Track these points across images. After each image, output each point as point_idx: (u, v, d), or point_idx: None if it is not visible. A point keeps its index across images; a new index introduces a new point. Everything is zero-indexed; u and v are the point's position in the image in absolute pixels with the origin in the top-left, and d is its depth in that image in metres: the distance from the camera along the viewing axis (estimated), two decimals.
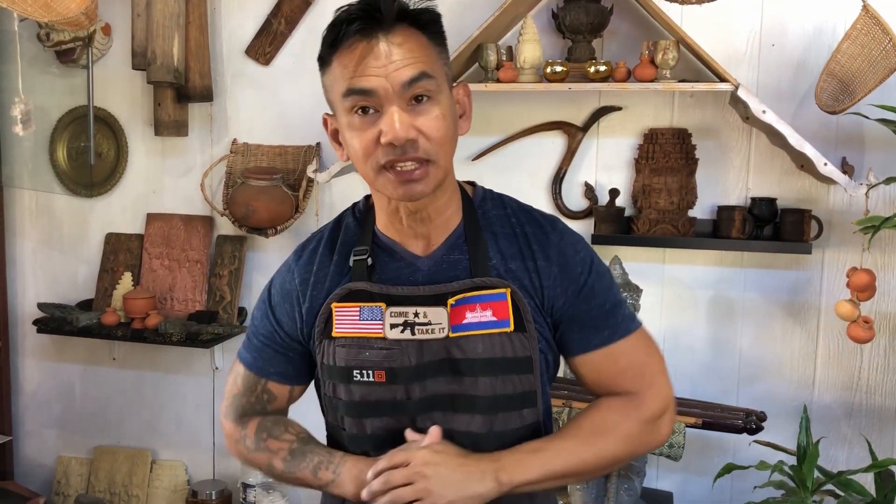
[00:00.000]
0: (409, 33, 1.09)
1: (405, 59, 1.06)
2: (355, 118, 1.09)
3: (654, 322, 2.44)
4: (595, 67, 2.20)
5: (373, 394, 1.16)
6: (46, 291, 2.98)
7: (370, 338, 1.16)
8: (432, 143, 1.08)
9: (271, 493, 2.64)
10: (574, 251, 1.20)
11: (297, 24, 2.64)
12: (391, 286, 1.17)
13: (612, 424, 1.18)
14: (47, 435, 3.05)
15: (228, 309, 2.71)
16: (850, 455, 2.36)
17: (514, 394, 1.16)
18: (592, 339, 1.19)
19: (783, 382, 2.40)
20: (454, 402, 1.15)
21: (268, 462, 1.24)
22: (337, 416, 1.22)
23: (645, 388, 1.21)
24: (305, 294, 1.21)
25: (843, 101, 2.07)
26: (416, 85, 1.06)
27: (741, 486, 2.30)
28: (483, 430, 1.16)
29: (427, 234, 1.19)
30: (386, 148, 1.07)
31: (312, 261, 1.23)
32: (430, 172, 1.09)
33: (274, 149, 2.70)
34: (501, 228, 1.20)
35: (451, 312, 1.14)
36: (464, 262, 1.18)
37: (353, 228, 1.24)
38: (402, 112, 1.06)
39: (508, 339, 1.14)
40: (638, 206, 2.41)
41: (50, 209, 2.96)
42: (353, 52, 1.06)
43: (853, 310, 2.06)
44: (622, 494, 2.12)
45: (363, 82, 1.06)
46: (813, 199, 2.33)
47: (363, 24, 1.06)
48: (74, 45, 2.71)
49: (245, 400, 1.28)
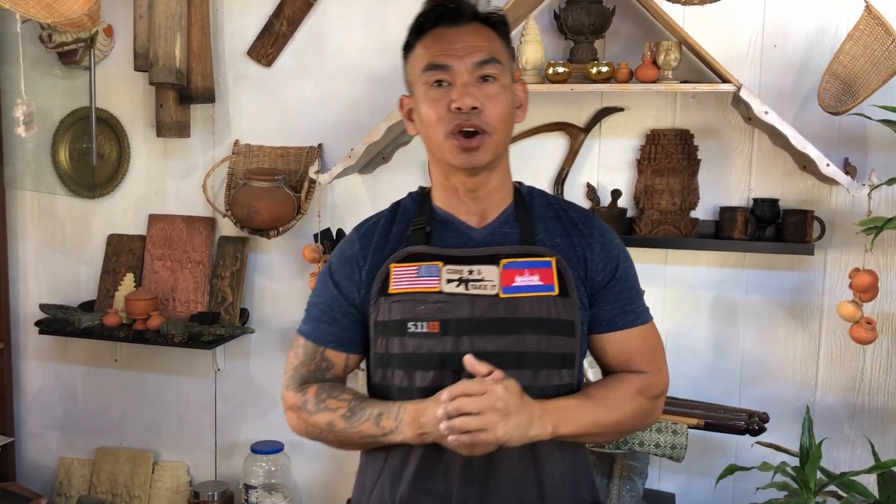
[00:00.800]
0: (482, 27, 1.30)
1: (478, 44, 1.27)
2: (431, 90, 1.28)
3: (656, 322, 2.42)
4: (597, 68, 2.20)
5: (424, 345, 1.26)
6: (48, 293, 2.98)
7: (426, 292, 1.27)
8: (492, 116, 1.26)
9: (273, 494, 2.64)
10: (612, 236, 1.38)
11: (299, 25, 2.64)
12: (448, 248, 1.31)
13: (631, 398, 1.33)
14: (49, 436, 3.06)
15: (230, 310, 2.71)
16: (853, 456, 2.36)
17: (556, 353, 1.28)
18: (620, 319, 1.34)
19: (786, 383, 2.39)
20: (502, 358, 1.23)
21: (328, 421, 1.31)
22: (387, 372, 1.31)
23: (655, 370, 1.37)
24: (366, 258, 1.34)
25: (846, 101, 2.07)
26: (485, 66, 1.26)
27: (744, 487, 2.30)
28: (526, 384, 1.24)
29: (481, 210, 1.34)
30: (454, 114, 1.25)
31: (373, 232, 1.37)
32: (487, 142, 1.26)
33: (276, 150, 2.70)
34: (546, 212, 1.37)
35: (503, 274, 1.28)
36: (513, 235, 1.32)
37: (411, 206, 1.40)
38: (470, 86, 1.25)
39: (554, 302, 1.27)
40: (640, 206, 2.41)
41: (52, 210, 2.96)
42: (436, 35, 1.29)
43: (856, 311, 2.06)
44: (624, 496, 2.12)
45: (442, 59, 1.27)
46: (815, 200, 2.32)
47: (446, 17, 1.28)
48: (77, 46, 2.71)
49: (305, 369, 1.37)
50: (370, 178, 2.65)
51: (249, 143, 2.73)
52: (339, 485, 2.78)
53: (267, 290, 2.78)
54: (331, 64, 2.64)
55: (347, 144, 2.54)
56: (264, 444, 2.68)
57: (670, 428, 2.06)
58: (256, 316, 2.79)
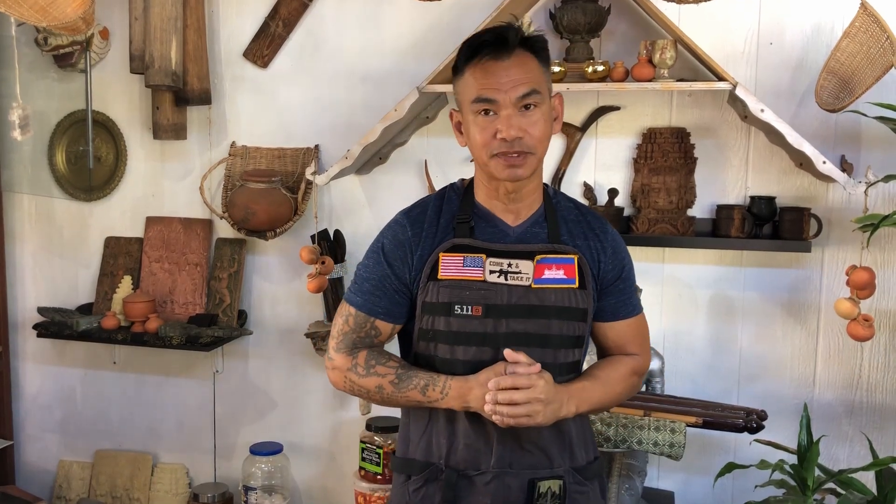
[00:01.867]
0: (526, 57, 1.45)
1: (521, 78, 1.42)
2: (479, 117, 1.45)
3: (654, 321, 2.42)
4: (593, 67, 2.20)
5: (468, 325, 1.47)
6: (46, 296, 2.98)
7: (471, 280, 1.48)
8: (533, 139, 1.44)
9: (273, 495, 2.64)
10: (621, 242, 1.60)
11: (295, 26, 2.64)
12: (490, 242, 1.51)
13: (627, 377, 1.58)
14: (49, 439, 3.06)
15: (228, 312, 2.71)
16: (852, 453, 2.36)
17: (572, 336, 1.51)
18: (621, 310, 1.58)
19: (784, 381, 2.40)
20: (529, 338, 1.47)
21: (377, 385, 1.50)
22: (430, 346, 1.51)
23: (644, 352, 1.63)
24: (417, 244, 1.52)
25: (844, 98, 2.07)
26: (527, 98, 1.42)
27: (743, 485, 2.30)
28: (550, 360, 1.48)
29: (516, 210, 1.53)
30: (500, 142, 1.43)
31: (422, 220, 1.54)
32: (529, 160, 1.45)
33: (272, 151, 2.70)
34: (570, 215, 1.57)
35: (536, 268, 1.49)
36: (543, 234, 1.53)
37: (455, 199, 1.57)
38: (515, 116, 1.42)
39: (574, 293, 1.50)
40: (637, 205, 2.41)
41: (49, 213, 2.96)
42: (485, 69, 1.43)
43: (853, 308, 2.06)
44: (623, 494, 2.12)
45: (489, 94, 1.42)
46: (812, 198, 2.32)
47: (493, 48, 1.42)
48: (72, 49, 2.71)
49: (355, 336, 1.54)
50: (367, 179, 2.65)
51: (246, 144, 2.73)
52: (338, 486, 2.78)
53: (265, 291, 2.78)
54: (327, 65, 2.64)
55: (344, 145, 2.54)
56: (263, 445, 2.68)
57: (668, 426, 2.06)
58: (254, 317, 2.78)
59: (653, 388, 2.31)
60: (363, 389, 1.53)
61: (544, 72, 1.48)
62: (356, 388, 1.54)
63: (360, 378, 1.52)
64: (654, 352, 2.29)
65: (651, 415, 2.05)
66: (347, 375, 1.53)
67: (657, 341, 2.43)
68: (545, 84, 1.47)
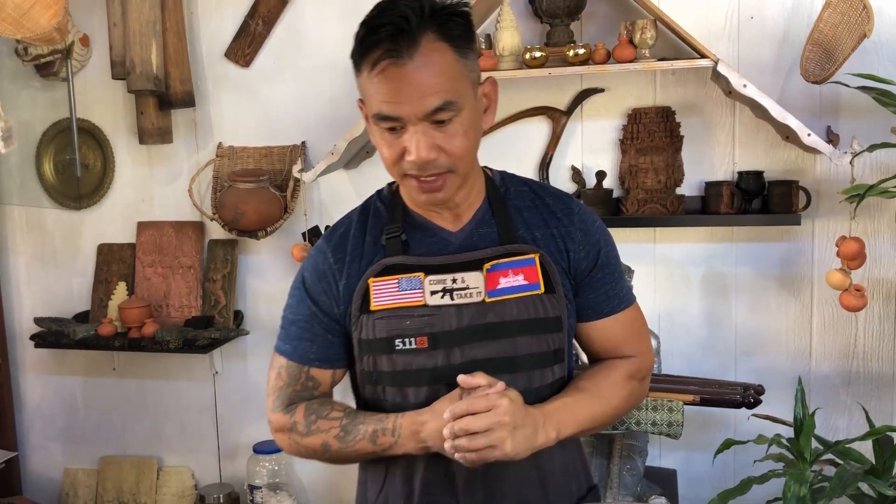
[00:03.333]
0: (435, 52, 1.13)
1: (430, 86, 1.12)
2: (385, 133, 1.17)
3: (647, 302, 2.44)
4: (574, 51, 2.19)
5: (415, 361, 1.22)
6: (42, 306, 2.98)
7: (410, 306, 1.22)
8: (452, 157, 1.17)
9: (278, 493, 2.65)
10: (592, 219, 1.33)
11: (275, 23, 2.63)
12: (428, 257, 1.25)
13: (623, 384, 1.32)
14: (53, 448, 3.07)
15: (224, 313, 2.72)
16: (851, 423, 2.37)
17: (547, 351, 1.25)
18: (605, 305, 1.32)
19: (780, 354, 2.40)
20: (494, 365, 1.21)
21: (322, 443, 1.26)
22: (377, 389, 1.27)
23: (642, 352, 1.36)
24: (342, 272, 1.27)
25: (829, 69, 2.07)
26: (439, 113, 1.14)
27: (744, 459, 2.31)
28: (522, 386, 1.22)
29: (457, 212, 1.28)
30: (409, 163, 1.16)
31: (345, 242, 1.29)
32: (449, 181, 1.19)
33: (259, 150, 2.70)
34: (523, 202, 1.30)
35: (487, 278, 1.23)
36: (492, 234, 1.27)
37: (383, 211, 1.31)
38: (425, 134, 1.14)
39: (540, 300, 1.24)
40: (626, 186, 2.40)
41: (41, 224, 2.96)
42: (384, 76, 1.12)
43: (844, 278, 2.06)
44: (625, 475, 2.13)
45: (390, 110, 1.14)
46: (800, 170, 2.32)
47: (392, 43, 1.11)
48: (53, 57, 2.69)
49: (291, 390, 1.31)
50: (356, 173, 2.64)
51: (233, 144, 2.72)
52: (344, 481, 2.79)
53: (259, 290, 2.78)
54: (309, 61, 2.63)
55: (331, 140, 2.53)
56: (267, 443, 2.69)
57: (666, 405, 2.07)
58: (250, 317, 2.79)
59: None
60: (309, 450, 1.29)
61: (464, 64, 1.16)
62: (303, 450, 1.30)
63: (302, 438, 1.28)
64: (650, 332, 2.29)
65: (648, 395, 2.06)
66: (290, 437, 1.30)
67: (652, 322, 2.43)
68: (464, 83, 1.16)
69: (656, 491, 2.21)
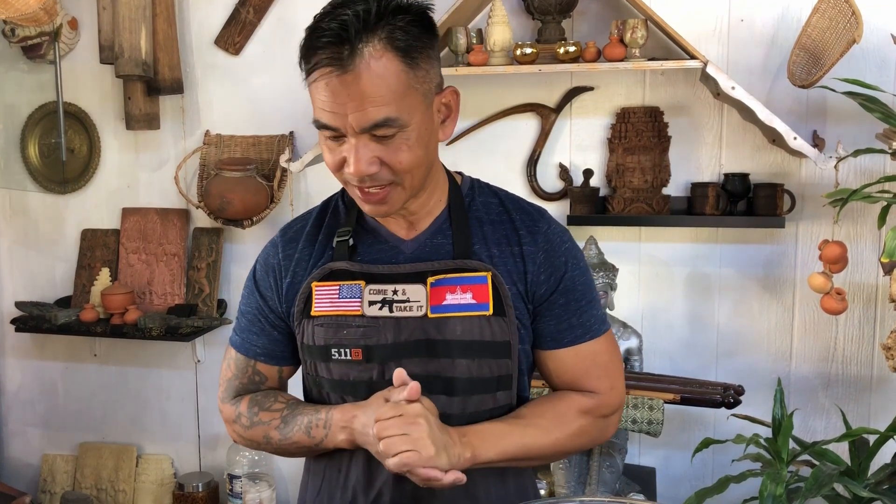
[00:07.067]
0: (379, 63, 1.04)
1: (370, 100, 1.04)
2: (327, 140, 1.11)
3: (631, 300, 2.45)
4: (564, 48, 2.19)
5: (351, 373, 1.17)
6: (24, 290, 2.96)
7: (348, 316, 1.16)
8: (395, 171, 1.09)
9: (257, 482, 2.65)
10: (560, 241, 1.22)
11: (266, 12, 2.62)
12: (372, 265, 1.18)
13: (572, 419, 1.20)
14: (32, 433, 3.05)
15: (207, 301, 2.71)
16: (829, 425, 2.39)
17: (490, 377, 1.17)
18: (565, 335, 1.21)
19: (761, 355, 2.42)
20: (430, 384, 1.14)
21: (264, 435, 1.23)
22: (322, 392, 1.23)
23: (606, 389, 1.23)
24: (288, 270, 1.23)
25: (815, 74, 2.08)
26: (378, 129, 1.06)
27: (722, 459, 2.33)
28: (457, 411, 1.17)
29: (411, 220, 1.21)
30: (349, 174, 1.09)
31: (298, 239, 1.24)
32: (394, 194, 1.11)
33: (247, 139, 2.69)
34: (487, 215, 1.21)
35: (431, 292, 1.15)
36: (447, 246, 1.19)
37: (342, 210, 1.25)
38: (365, 147, 1.07)
39: (487, 322, 1.15)
40: (612, 185, 2.41)
41: (24, 207, 2.94)
42: (324, 84, 1.05)
43: (826, 282, 2.08)
44: (604, 472, 2.15)
45: (328, 119, 1.07)
46: (785, 173, 2.34)
47: (334, 49, 1.04)
48: (41, 40, 2.68)
49: (238, 382, 1.30)
50: None
51: (220, 132, 2.71)
52: None
53: (243, 280, 2.74)
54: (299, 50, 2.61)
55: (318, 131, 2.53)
56: None
57: (646, 404, 2.08)
58: (234, 306, 2.78)
59: (631, 366, 2.33)
60: (253, 442, 1.26)
61: (413, 76, 1.07)
62: (249, 442, 1.27)
63: (246, 430, 1.25)
64: (633, 330, 2.31)
65: (629, 392, 2.07)
66: (235, 428, 1.28)
67: (636, 320, 2.45)
68: (413, 96, 1.07)
69: (635, 488, 2.23)
